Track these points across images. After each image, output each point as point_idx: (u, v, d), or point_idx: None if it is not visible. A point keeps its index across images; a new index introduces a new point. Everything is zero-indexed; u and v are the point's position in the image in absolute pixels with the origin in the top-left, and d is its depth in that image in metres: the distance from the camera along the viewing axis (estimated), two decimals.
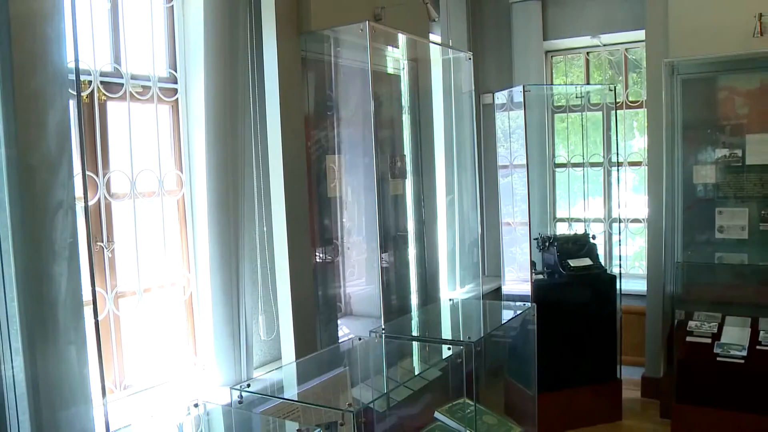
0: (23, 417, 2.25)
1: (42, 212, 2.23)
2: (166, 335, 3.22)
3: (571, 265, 4.60)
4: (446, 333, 3.93)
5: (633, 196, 5.81)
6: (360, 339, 3.10)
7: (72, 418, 2.34)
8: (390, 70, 4.37)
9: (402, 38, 4.10)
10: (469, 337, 2.91)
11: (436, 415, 3.17)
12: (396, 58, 4.38)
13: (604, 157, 5.68)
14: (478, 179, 5.03)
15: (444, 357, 2.94)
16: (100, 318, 2.77)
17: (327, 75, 3.71)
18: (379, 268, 3.45)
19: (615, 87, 4.99)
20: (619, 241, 5.13)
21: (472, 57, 4.56)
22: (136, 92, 3.06)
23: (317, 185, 3.61)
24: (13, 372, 2.24)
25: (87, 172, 2.71)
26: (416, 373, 3.15)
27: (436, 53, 4.75)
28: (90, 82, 2.85)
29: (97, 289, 2.74)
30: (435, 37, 4.97)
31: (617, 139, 5.15)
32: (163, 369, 3.19)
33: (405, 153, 4.36)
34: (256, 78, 3.32)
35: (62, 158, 2.28)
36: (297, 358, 3.28)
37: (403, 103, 4.44)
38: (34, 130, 2.21)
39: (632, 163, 5.77)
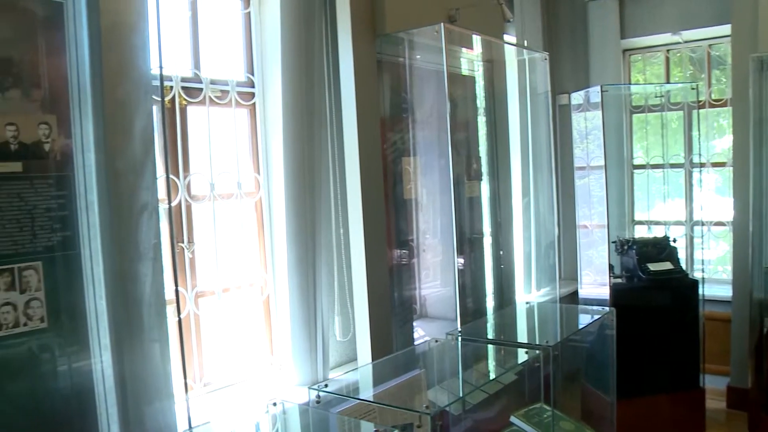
0: (112, 410, 2.34)
1: (128, 214, 2.32)
2: (244, 334, 3.28)
3: (651, 269, 4.48)
4: (523, 336, 3.87)
5: (716, 198, 5.61)
6: (436, 341, 3.10)
7: (156, 413, 2.41)
8: (465, 72, 4.35)
9: (476, 39, 4.08)
10: (546, 341, 2.86)
11: (512, 419, 3.14)
12: (471, 59, 4.36)
13: (685, 157, 5.50)
14: (554, 181, 4.95)
15: (521, 361, 2.91)
16: (181, 317, 2.85)
17: (402, 77, 3.71)
18: (455, 270, 3.43)
19: (697, 85, 4.83)
20: (702, 244, 4.96)
21: (548, 57, 4.50)
22: (215, 97, 3.13)
23: (393, 187, 3.62)
24: (102, 366, 2.34)
25: (169, 175, 2.80)
26: (492, 376, 3.12)
27: (511, 54, 4.71)
28: (171, 87, 2.94)
29: (178, 288, 2.82)
30: (510, 38, 4.92)
31: (699, 139, 4.99)
32: (240, 367, 3.25)
33: (480, 155, 4.33)
34: (332, 81, 3.35)
35: (147, 162, 2.36)
36: (373, 359, 3.29)
37: (478, 105, 4.41)
38: (120, 135, 2.30)
39: (715, 164, 5.57)
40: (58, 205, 2.24)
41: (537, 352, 2.84)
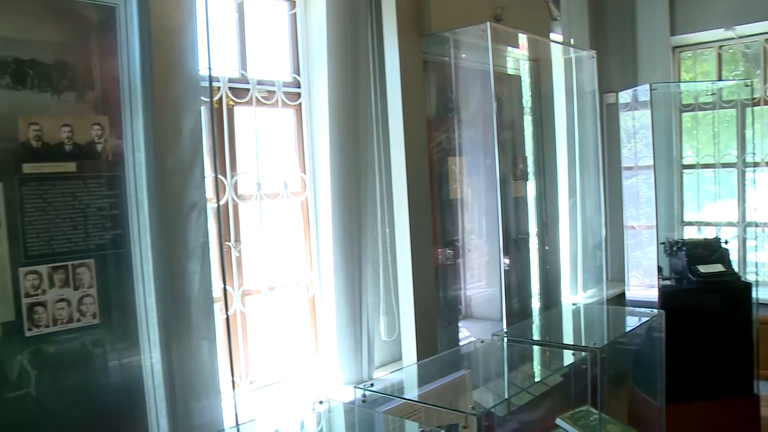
0: (160, 405, 2.39)
1: (176, 213, 2.36)
2: (290, 333, 3.30)
3: (702, 271, 4.38)
4: (569, 338, 3.83)
5: None
6: (482, 342, 3.08)
7: (203, 409, 2.45)
8: (511, 71, 4.32)
9: (522, 38, 4.05)
10: (594, 343, 2.83)
11: (558, 421, 3.10)
12: (516, 58, 4.33)
13: (738, 157, 5.37)
14: (601, 181, 4.88)
15: (568, 363, 2.88)
16: (228, 315, 2.89)
17: (448, 77, 3.70)
18: (501, 270, 3.41)
19: (752, 82, 4.70)
20: (755, 246, 4.84)
21: (595, 56, 4.44)
22: (262, 97, 3.16)
23: (439, 187, 3.61)
24: (151, 362, 2.38)
25: (217, 175, 2.84)
26: (538, 378, 3.09)
27: (557, 52, 4.66)
28: (219, 88, 2.98)
29: (226, 287, 2.86)
30: (556, 36, 4.86)
31: (754, 138, 4.86)
32: (286, 366, 3.28)
33: (526, 155, 4.30)
34: (378, 81, 3.36)
35: (195, 162, 2.40)
36: (418, 359, 3.28)
37: (524, 104, 4.38)
38: (170, 135, 2.34)
39: None
40: (109, 204, 2.29)
41: (584, 354, 2.80)
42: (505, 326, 3.30)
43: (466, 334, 3.80)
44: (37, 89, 2.15)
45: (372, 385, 2.59)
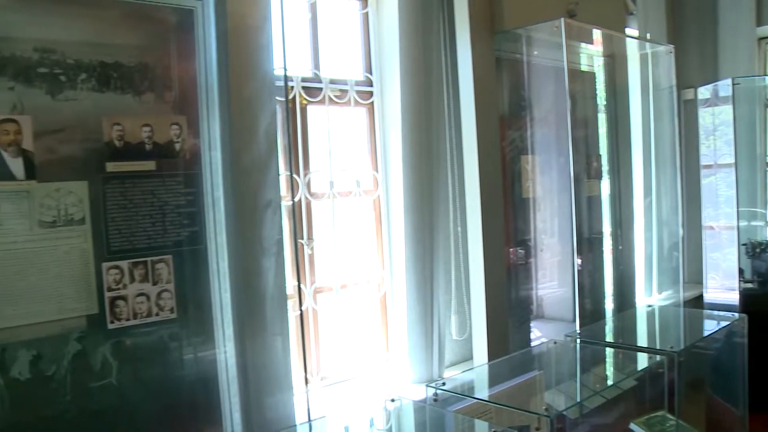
0: (234, 399, 2.43)
1: (252, 211, 2.40)
2: (361, 331, 3.32)
3: None
4: (644, 341, 3.73)
5: None
6: (555, 342, 3.03)
7: (276, 404, 2.48)
8: (584, 68, 4.24)
9: (597, 34, 3.96)
10: (671, 347, 2.74)
11: (632, 426, 3.02)
12: (590, 54, 4.24)
13: None
14: (679, 180, 4.73)
15: (643, 366, 2.80)
16: (302, 311, 2.93)
17: (520, 74, 3.65)
18: (574, 271, 3.35)
19: None
20: None
21: (673, 50, 4.31)
22: (335, 96, 3.18)
23: (512, 186, 3.57)
24: (225, 356, 2.43)
25: (289, 173, 2.88)
26: (612, 381, 3.03)
27: (633, 48, 4.53)
28: (292, 87, 3.01)
29: (300, 284, 2.89)
30: (631, 31, 4.74)
31: None
32: (356, 363, 3.30)
33: (601, 153, 4.21)
34: (450, 79, 3.33)
35: (270, 160, 2.44)
36: (489, 359, 3.25)
37: (599, 101, 4.29)
38: (245, 134, 2.38)
39: None
40: (186, 201, 2.35)
41: (659, 357, 2.73)
42: (578, 327, 3.24)
43: (537, 334, 3.75)
44: (119, 91, 2.22)
45: (444, 384, 2.58)
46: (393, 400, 2.54)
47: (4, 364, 2.02)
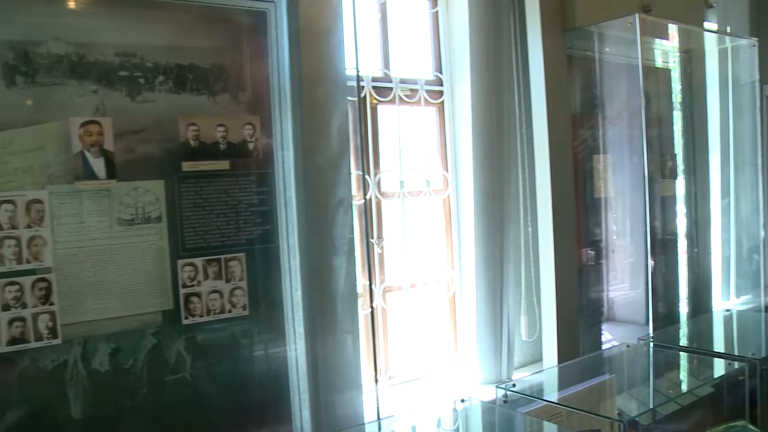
0: (304, 396, 2.46)
1: (324, 210, 2.42)
2: (429, 330, 3.30)
3: None
4: (721, 346, 3.61)
5: None
6: (628, 346, 2.96)
7: (345, 401, 2.50)
8: (659, 64, 4.12)
9: (673, 29, 3.84)
10: (752, 354, 2.64)
11: None
12: (665, 50, 4.12)
13: None
14: (763, 180, 4.55)
15: (721, 373, 2.71)
16: (369, 311, 2.94)
17: (592, 72, 3.58)
18: (647, 272, 3.27)
19: None
20: None
21: (757, 43, 4.14)
22: (405, 96, 3.18)
23: (583, 185, 3.51)
24: (296, 354, 2.46)
25: (359, 172, 2.89)
26: (687, 387, 2.94)
27: (711, 42, 4.39)
28: (363, 87, 3.02)
29: (367, 282, 2.90)
30: (710, 25, 4.58)
31: None
32: (424, 363, 3.28)
33: (676, 152, 4.09)
34: (521, 78, 3.29)
35: (342, 159, 2.45)
36: (559, 361, 3.20)
37: (674, 99, 4.17)
38: (318, 134, 2.40)
39: None
40: (259, 200, 2.39)
41: (737, 364, 2.63)
42: (651, 331, 3.15)
43: (608, 337, 3.67)
44: (195, 92, 2.28)
45: (514, 385, 2.56)
46: (463, 401, 2.53)
47: (86, 356, 2.10)
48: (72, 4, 2.11)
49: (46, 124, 2.04)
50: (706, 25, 4.40)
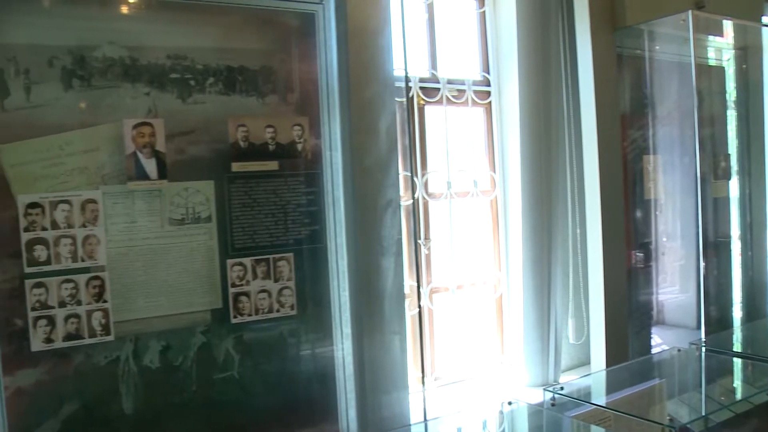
0: (350, 395, 2.46)
1: (372, 210, 2.42)
2: (476, 332, 3.29)
3: None
4: None
5: None
6: (679, 350, 2.90)
7: (392, 402, 2.49)
8: (712, 62, 4.02)
9: (727, 25, 3.75)
10: None
11: None
12: (719, 47, 4.02)
13: None
14: None
15: None
16: (415, 312, 2.93)
17: (642, 71, 3.51)
18: (699, 276, 3.19)
19: None
20: None
21: None
22: (452, 96, 3.17)
23: (633, 186, 3.45)
24: (343, 354, 2.46)
25: (407, 173, 2.88)
26: (741, 394, 2.86)
27: None
28: (410, 87, 3.02)
29: (414, 283, 2.89)
30: None
31: None
32: (470, 364, 3.27)
33: (729, 152, 3.99)
34: (570, 78, 3.25)
35: (391, 160, 2.45)
36: (607, 365, 3.15)
37: (728, 97, 4.06)
38: (366, 134, 2.40)
39: None
40: (307, 201, 2.39)
41: None
42: (703, 335, 3.08)
43: (658, 341, 3.59)
44: (244, 94, 2.30)
45: (561, 388, 2.53)
46: (510, 403, 2.51)
47: (137, 353, 2.13)
48: (125, 9, 2.15)
49: (100, 125, 2.08)
50: (766, 20, 4.28)
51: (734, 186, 4.00)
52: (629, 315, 3.38)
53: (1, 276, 1.96)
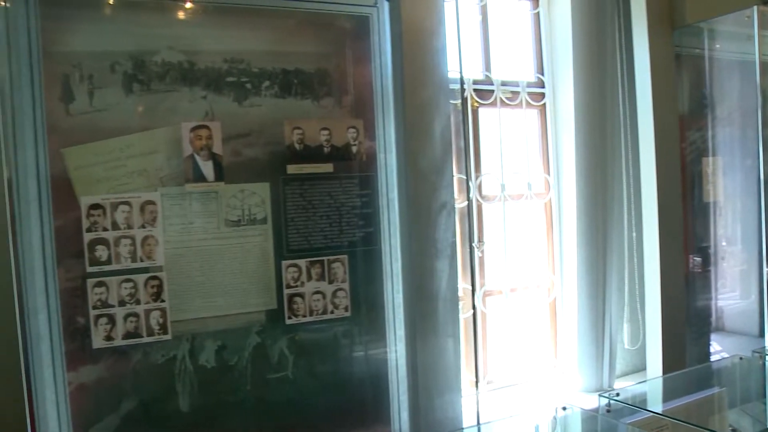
0: (403, 397, 2.46)
1: (427, 213, 2.40)
2: (529, 336, 3.25)
3: None
4: None
5: None
6: (741, 358, 2.81)
7: (445, 405, 2.47)
8: None
9: None
10: None
11: None
12: None
13: None
14: None
15: None
16: (468, 315, 2.90)
17: (701, 71, 3.42)
18: (763, 281, 3.09)
19: None
20: None
21: None
22: (506, 98, 3.14)
23: (691, 189, 3.36)
24: (396, 356, 2.45)
25: (461, 175, 2.86)
26: None
27: None
28: (464, 89, 2.99)
29: (467, 286, 2.87)
30: None
31: None
32: (523, 368, 3.23)
33: None
34: (626, 79, 3.19)
35: (446, 163, 2.43)
36: (663, 371, 3.07)
37: None
38: (420, 137, 2.39)
39: None
40: (362, 203, 2.39)
41: None
42: (767, 343, 2.98)
43: (717, 348, 3.49)
44: (299, 96, 2.31)
45: (617, 394, 2.47)
46: (564, 408, 2.47)
47: (193, 352, 2.16)
48: (182, 15, 2.17)
49: (159, 129, 2.11)
50: None
51: None
52: (687, 321, 3.29)
53: (65, 275, 2.00)
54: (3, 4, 1.90)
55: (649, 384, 3.00)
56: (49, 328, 1.98)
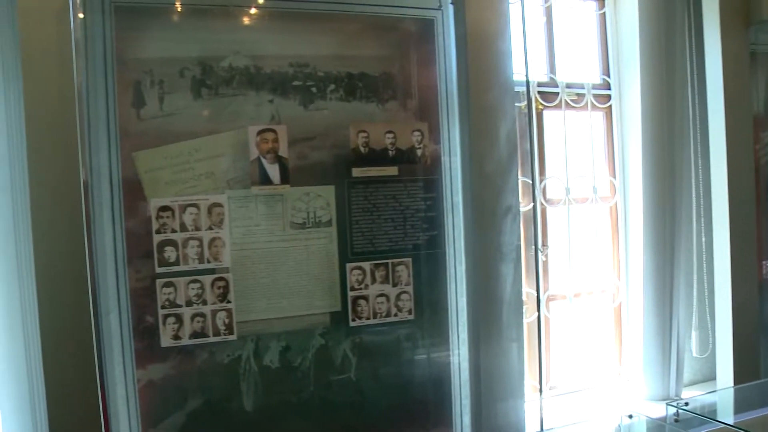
0: (465, 401, 2.42)
1: (491, 216, 2.37)
2: (593, 341, 3.18)
3: None
4: None
5: None
6: None
7: (508, 410, 2.43)
8: None
9: None
10: None
11: None
12: None
13: None
14: None
15: None
16: (531, 319, 2.85)
17: None
18: None
19: None
20: None
21: None
22: (571, 100, 3.08)
23: (765, 192, 3.23)
24: (459, 360, 2.42)
25: (525, 179, 2.81)
26: None
27: None
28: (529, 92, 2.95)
29: (531, 290, 2.82)
30: None
31: None
32: (587, 374, 3.16)
33: None
34: (696, 78, 3.09)
35: (511, 166, 2.40)
36: (735, 381, 2.96)
37: None
38: (486, 140, 2.36)
39: None
40: (426, 206, 2.37)
41: None
42: None
43: None
44: (364, 100, 2.30)
45: (686, 404, 2.40)
46: (630, 416, 2.40)
47: (258, 353, 2.17)
48: (248, 20, 2.19)
49: (226, 132, 2.13)
50: None
51: None
52: (761, 329, 3.17)
53: (135, 275, 2.03)
54: (81, 15, 1.95)
55: (720, 394, 2.90)
56: (120, 327, 2.01)
